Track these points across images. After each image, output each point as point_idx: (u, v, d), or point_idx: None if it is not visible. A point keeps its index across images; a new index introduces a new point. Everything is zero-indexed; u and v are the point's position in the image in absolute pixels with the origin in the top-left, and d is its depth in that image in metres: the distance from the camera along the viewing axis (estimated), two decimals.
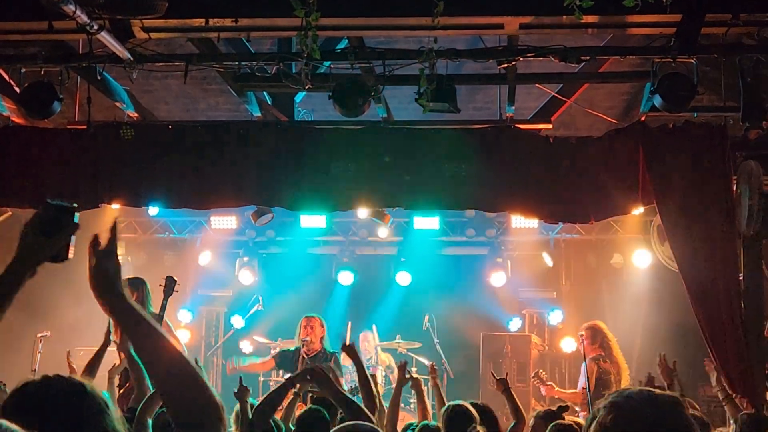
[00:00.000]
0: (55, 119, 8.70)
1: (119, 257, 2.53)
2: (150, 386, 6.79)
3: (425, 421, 6.60)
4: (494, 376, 7.88)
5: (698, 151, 8.06)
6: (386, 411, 7.07)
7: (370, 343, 13.09)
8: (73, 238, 2.67)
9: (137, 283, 8.58)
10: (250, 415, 5.84)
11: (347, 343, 7.26)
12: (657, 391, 2.70)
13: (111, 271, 2.51)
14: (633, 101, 10.80)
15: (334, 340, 10.24)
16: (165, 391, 2.56)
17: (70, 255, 2.66)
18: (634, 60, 8.66)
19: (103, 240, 2.53)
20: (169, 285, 8.20)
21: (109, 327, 6.97)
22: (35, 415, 2.36)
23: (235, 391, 6.25)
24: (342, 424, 3.68)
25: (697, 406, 7.18)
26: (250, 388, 6.28)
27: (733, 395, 7.29)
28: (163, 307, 8.24)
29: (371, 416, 5.15)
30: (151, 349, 2.52)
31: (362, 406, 5.30)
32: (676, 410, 2.62)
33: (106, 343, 7.05)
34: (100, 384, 7.13)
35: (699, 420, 3.59)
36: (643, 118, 8.56)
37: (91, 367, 6.91)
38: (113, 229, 2.57)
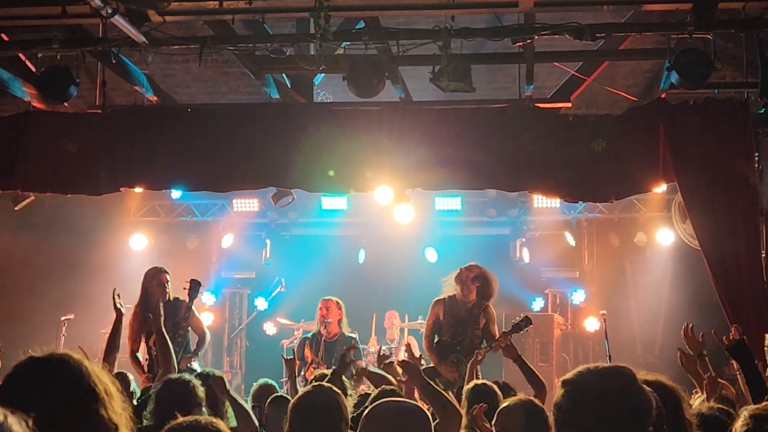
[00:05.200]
0: (76, 104, 8.72)
1: None
2: (176, 366, 6.83)
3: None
4: (500, 345, 7.34)
5: (720, 128, 7.95)
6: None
7: (395, 324, 13.11)
8: None
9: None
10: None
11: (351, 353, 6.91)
12: (605, 364, 2.70)
13: None
14: (655, 79, 10.67)
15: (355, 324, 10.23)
16: None
17: None
18: (656, 37, 8.54)
19: None
20: (194, 288, 8.20)
21: (114, 298, 7.00)
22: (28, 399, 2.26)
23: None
24: (379, 401, 3.63)
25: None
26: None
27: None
28: (189, 309, 8.35)
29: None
30: None
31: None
32: (626, 381, 2.62)
33: (119, 315, 7.06)
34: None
35: (669, 391, 3.53)
36: (663, 96, 8.45)
37: (111, 344, 6.91)
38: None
